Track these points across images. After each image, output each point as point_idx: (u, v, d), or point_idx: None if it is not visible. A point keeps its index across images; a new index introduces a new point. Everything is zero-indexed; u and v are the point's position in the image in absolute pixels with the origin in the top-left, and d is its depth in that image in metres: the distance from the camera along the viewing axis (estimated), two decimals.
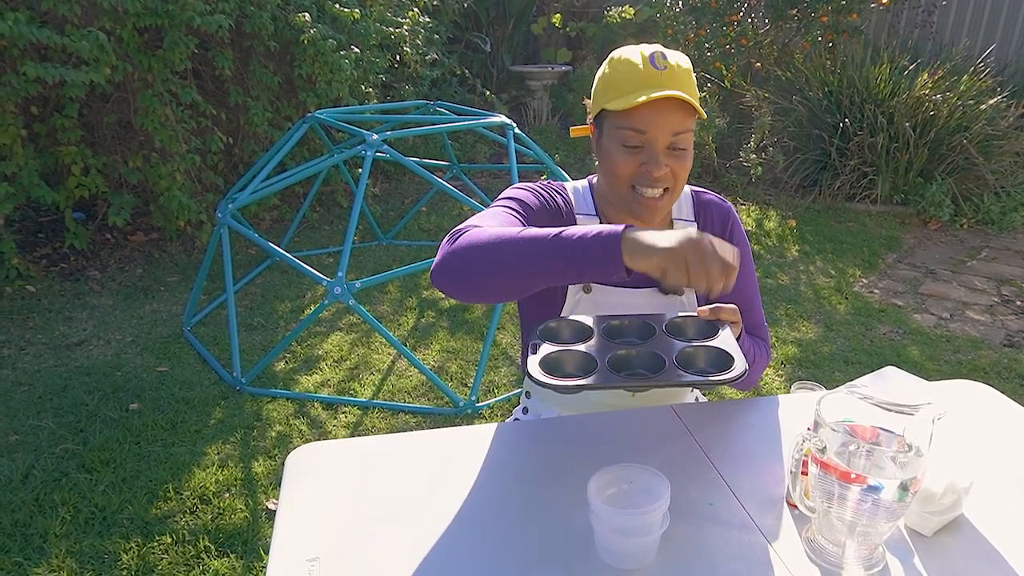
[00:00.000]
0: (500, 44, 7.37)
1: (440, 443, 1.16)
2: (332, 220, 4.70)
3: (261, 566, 1.92)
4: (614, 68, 1.17)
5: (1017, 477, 1.08)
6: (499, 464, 1.09)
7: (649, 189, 1.17)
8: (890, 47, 5.68)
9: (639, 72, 1.13)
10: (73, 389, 2.74)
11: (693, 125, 1.17)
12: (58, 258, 3.89)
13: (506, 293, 1.04)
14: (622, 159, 1.16)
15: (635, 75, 1.14)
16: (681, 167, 1.17)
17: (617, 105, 1.13)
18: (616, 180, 1.19)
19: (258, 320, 3.34)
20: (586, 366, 1.00)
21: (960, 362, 3.03)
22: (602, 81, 1.19)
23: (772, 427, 1.20)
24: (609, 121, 1.17)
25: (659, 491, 0.89)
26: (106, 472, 2.27)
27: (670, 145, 1.15)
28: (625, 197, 1.20)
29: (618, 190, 1.20)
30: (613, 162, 1.18)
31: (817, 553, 0.91)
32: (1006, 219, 4.57)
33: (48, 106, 3.53)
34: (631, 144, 1.15)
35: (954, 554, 0.93)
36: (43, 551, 1.96)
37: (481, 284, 1.01)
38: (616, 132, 1.16)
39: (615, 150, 1.17)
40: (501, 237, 1.00)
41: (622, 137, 1.16)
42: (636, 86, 1.13)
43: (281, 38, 4.09)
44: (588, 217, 1.27)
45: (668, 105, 1.12)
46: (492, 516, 0.98)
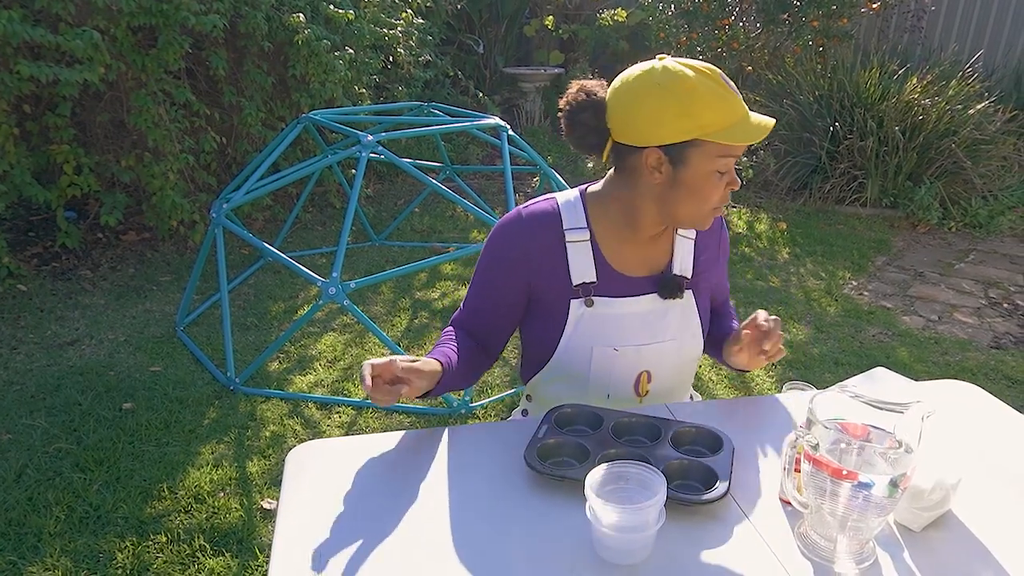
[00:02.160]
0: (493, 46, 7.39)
1: (436, 442, 1.17)
2: (325, 220, 4.70)
3: (256, 565, 1.93)
4: (702, 92, 1.11)
5: (1003, 474, 1.11)
6: (495, 462, 1.11)
7: (723, 205, 1.21)
8: (880, 52, 5.74)
9: (729, 97, 1.12)
10: (66, 388, 2.73)
11: None
12: (50, 257, 3.88)
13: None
14: (715, 186, 1.17)
15: (729, 101, 1.12)
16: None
17: (735, 139, 1.12)
18: (702, 204, 1.19)
19: (251, 320, 3.34)
20: (580, 455, 1.09)
21: (948, 363, 3.07)
22: (688, 109, 1.11)
23: (764, 426, 1.22)
24: (707, 150, 1.13)
25: (655, 488, 0.91)
26: (100, 471, 2.27)
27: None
28: (702, 219, 1.22)
29: (698, 213, 1.20)
30: (706, 190, 1.17)
31: (809, 548, 0.93)
32: (993, 222, 4.63)
33: (41, 104, 3.52)
34: (725, 170, 1.16)
35: (942, 549, 0.95)
36: (37, 550, 1.96)
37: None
38: (717, 161, 1.14)
39: (710, 178, 1.16)
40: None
41: (722, 165, 1.15)
42: (737, 114, 1.13)
43: (275, 38, 4.09)
44: (578, 231, 1.26)
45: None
46: (490, 512, 1.00)
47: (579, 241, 1.26)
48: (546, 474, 1.04)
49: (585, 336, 1.26)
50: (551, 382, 1.34)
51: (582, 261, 1.26)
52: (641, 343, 1.27)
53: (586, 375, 1.28)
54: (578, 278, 1.26)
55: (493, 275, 1.31)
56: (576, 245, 1.26)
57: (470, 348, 1.32)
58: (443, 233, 4.53)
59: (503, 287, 1.30)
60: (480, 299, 1.34)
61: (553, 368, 1.31)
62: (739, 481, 1.06)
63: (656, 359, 1.30)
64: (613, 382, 1.29)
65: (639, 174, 1.20)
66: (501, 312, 1.33)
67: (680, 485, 1.03)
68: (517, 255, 1.27)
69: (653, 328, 1.28)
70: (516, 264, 1.27)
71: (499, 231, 1.29)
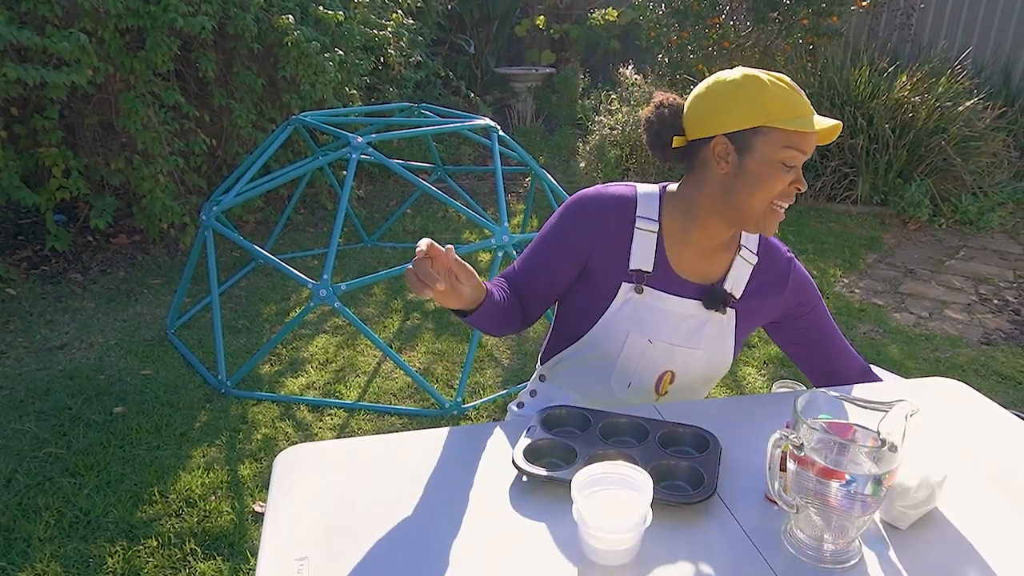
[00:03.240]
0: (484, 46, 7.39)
1: (428, 443, 1.17)
2: (316, 222, 4.69)
3: (248, 568, 1.92)
4: (771, 89, 1.18)
5: (989, 471, 1.11)
6: (486, 464, 1.11)
7: (786, 203, 1.23)
8: (870, 50, 5.77)
9: (800, 97, 1.18)
10: (56, 392, 2.72)
11: None
12: (39, 261, 3.86)
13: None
14: (779, 176, 1.19)
15: (799, 99, 1.18)
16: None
17: (801, 126, 1.16)
18: (764, 196, 1.21)
19: (243, 323, 3.33)
20: (568, 456, 1.09)
21: (939, 360, 3.08)
22: (756, 97, 1.17)
23: (753, 425, 1.23)
24: (772, 139, 1.17)
25: (642, 488, 0.91)
26: (90, 476, 2.26)
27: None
28: (762, 215, 1.23)
29: (759, 207, 1.22)
30: (771, 182, 1.19)
31: (796, 547, 0.94)
32: (983, 219, 4.65)
33: (28, 107, 3.50)
34: (791, 164, 1.19)
35: (928, 547, 0.95)
36: (27, 555, 1.95)
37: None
38: (782, 151, 1.17)
39: (774, 168, 1.19)
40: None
41: (787, 157, 1.18)
42: (806, 110, 1.17)
43: (264, 40, 4.08)
44: (649, 222, 1.31)
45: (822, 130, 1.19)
46: (478, 514, 1.00)
47: (647, 231, 1.30)
48: (534, 475, 1.04)
49: (625, 320, 1.30)
50: (576, 361, 1.36)
51: (644, 250, 1.30)
52: (675, 343, 1.31)
53: (615, 358, 1.32)
54: (636, 264, 1.30)
55: (560, 237, 1.32)
56: (643, 233, 1.30)
57: (512, 302, 1.33)
58: (435, 234, 4.53)
59: (564, 253, 1.32)
60: (538, 259, 1.35)
61: (585, 344, 1.34)
62: (726, 481, 1.06)
63: (684, 362, 1.33)
64: (639, 372, 1.33)
65: (708, 167, 1.25)
66: (556, 277, 1.34)
67: (667, 485, 1.03)
68: (589, 224, 1.30)
69: (689, 333, 1.32)
70: (584, 234, 1.30)
71: (578, 200, 1.33)
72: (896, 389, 1.40)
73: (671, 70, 5.97)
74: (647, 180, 5.14)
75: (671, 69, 5.98)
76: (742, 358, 3.06)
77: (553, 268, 1.34)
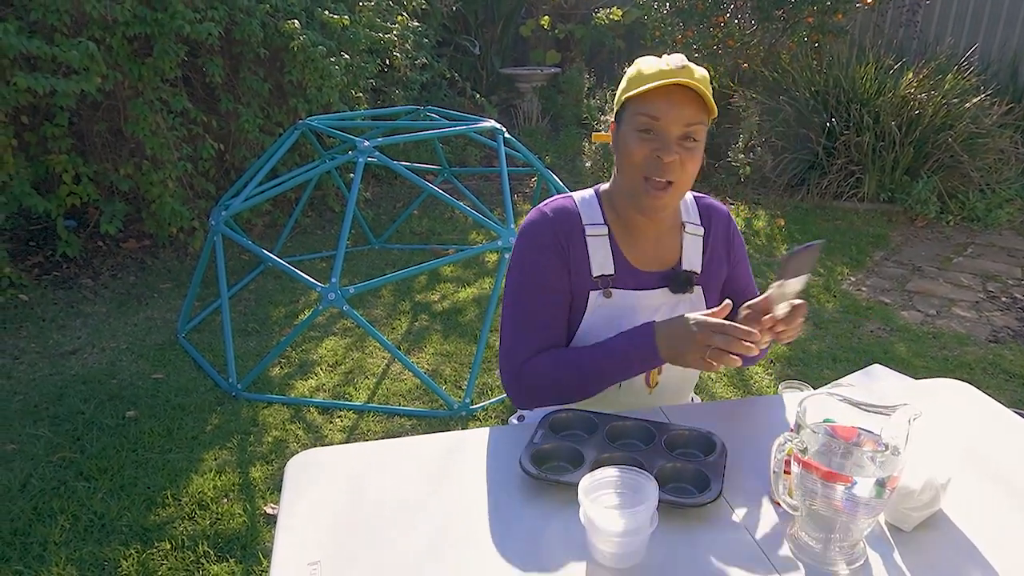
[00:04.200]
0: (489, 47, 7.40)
1: (437, 447, 1.19)
2: (324, 225, 4.72)
3: (260, 570, 1.95)
4: (637, 66, 1.25)
5: (994, 473, 1.12)
6: (494, 468, 1.12)
7: (658, 176, 1.22)
8: (875, 47, 5.75)
9: (659, 67, 1.21)
10: (69, 397, 2.75)
11: (706, 122, 1.23)
12: (50, 266, 3.90)
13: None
14: (637, 145, 1.22)
15: (655, 69, 1.21)
16: (691, 160, 1.23)
17: (636, 91, 1.20)
18: (631, 168, 1.24)
19: (252, 326, 3.35)
20: (575, 459, 1.10)
21: (946, 358, 3.08)
22: (626, 81, 1.26)
23: (759, 427, 1.24)
24: (628, 109, 1.24)
25: (647, 492, 0.92)
26: (104, 480, 2.29)
27: (682, 136, 1.21)
28: (636, 190, 1.25)
29: (631, 180, 1.25)
30: (629, 149, 1.23)
31: (801, 549, 0.95)
32: (991, 216, 4.64)
33: (38, 115, 3.54)
34: (645, 129, 1.21)
35: (933, 549, 0.96)
36: (43, 559, 1.98)
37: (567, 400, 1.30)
38: (634, 118, 1.22)
39: (631, 136, 1.23)
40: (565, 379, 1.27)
41: (638, 123, 1.21)
42: (654, 78, 1.20)
43: (271, 45, 4.11)
44: (597, 226, 1.32)
45: (682, 96, 1.19)
46: (488, 518, 1.01)
47: (598, 235, 1.31)
48: (541, 479, 1.05)
49: (600, 327, 1.31)
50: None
51: (601, 254, 1.31)
52: None
53: None
54: (598, 270, 1.31)
55: (539, 272, 1.30)
56: (595, 239, 1.31)
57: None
58: (442, 235, 4.55)
59: (554, 280, 1.30)
60: (536, 306, 1.30)
61: None
62: (732, 483, 1.07)
63: None
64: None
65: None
66: (560, 306, 1.31)
67: (673, 488, 1.04)
68: (551, 243, 1.30)
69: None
70: (555, 252, 1.30)
71: (528, 229, 1.32)
72: (902, 391, 1.41)
73: None
74: None
75: None
76: None
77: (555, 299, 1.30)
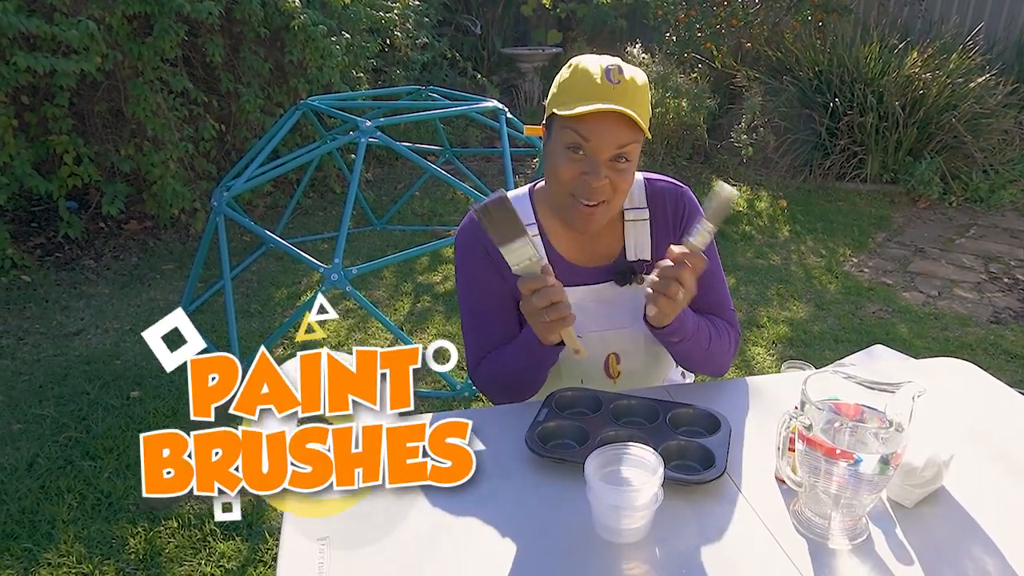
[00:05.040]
0: (490, 26, 7.35)
1: None
2: (325, 206, 4.71)
3: (266, 548, 1.97)
4: (572, 75, 1.18)
5: (995, 451, 1.13)
6: (500, 445, 1.13)
7: (585, 200, 1.18)
8: (880, 26, 5.70)
9: (593, 83, 1.14)
10: (73, 378, 2.76)
11: (640, 140, 1.18)
12: (52, 248, 3.90)
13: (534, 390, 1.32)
14: (565, 164, 1.18)
15: (589, 85, 1.14)
16: (622, 180, 1.18)
17: (565, 111, 1.14)
18: (557, 184, 1.20)
19: (255, 307, 3.36)
20: (580, 437, 1.11)
21: (948, 339, 3.09)
22: (557, 86, 1.20)
23: (762, 405, 1.24)
24: (557, 124, 1.18)
25: (653, 468, 0.93)
26: (110, 459, 2.31)
27: (613, 157, 1.16)
28: (564, 204, 1.21)
29: (558, 195, 1.22)
30: (556, 166, 1.19)
31: (804, 525, 0.96)
32: (994, 197, 4.62)
33: (38, 95, 3.52)
34: (573, 148, 1.16)
35: (934, 525, 0.97)
36: (51, 537, 2.00)
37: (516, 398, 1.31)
38: (562, 133, 1.17)
39: (559, 154, 1.18)
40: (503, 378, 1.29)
41: (566, 140, 1.16)
42: (587, 96, 1.13)
43: (271, 24, 4.08)
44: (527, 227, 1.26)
45: (614, 119, 1.13)
46: (492, 494, 1.02)
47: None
48: (547, 456, 1.06)
49: None
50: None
51: None
52: (602, 329, 1.29)
53: (556, 363, 1.29)
54: None
55: (475, 280, 1.31)
56: None
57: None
58: (444, 216, 4.54)
59: (489, 286, 1.30)
60: (479, 311, 1.32)
61: None
62: (736, 461, 1.08)
63: (621, 342, 1.32)
64: (584, 366, 1.32)
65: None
66: (503, 309, 1.32)
67: (678, 465, 1.05)
68: (483, 255, 1.28)
69: (612, 315, 1.30)
70: (486, 262, 1.29)
71: (459, 240, 1.32)
72: (905, 370, 1.42)
73: (679, 49, 5.92)
74: (655, 159, 5.13)
75: (679, 48, 5.93)
76: (751, 337, 3.08)
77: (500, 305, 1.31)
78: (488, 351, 1.32)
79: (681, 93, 5.03)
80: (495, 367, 1.30)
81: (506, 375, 1.28)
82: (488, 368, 1.31)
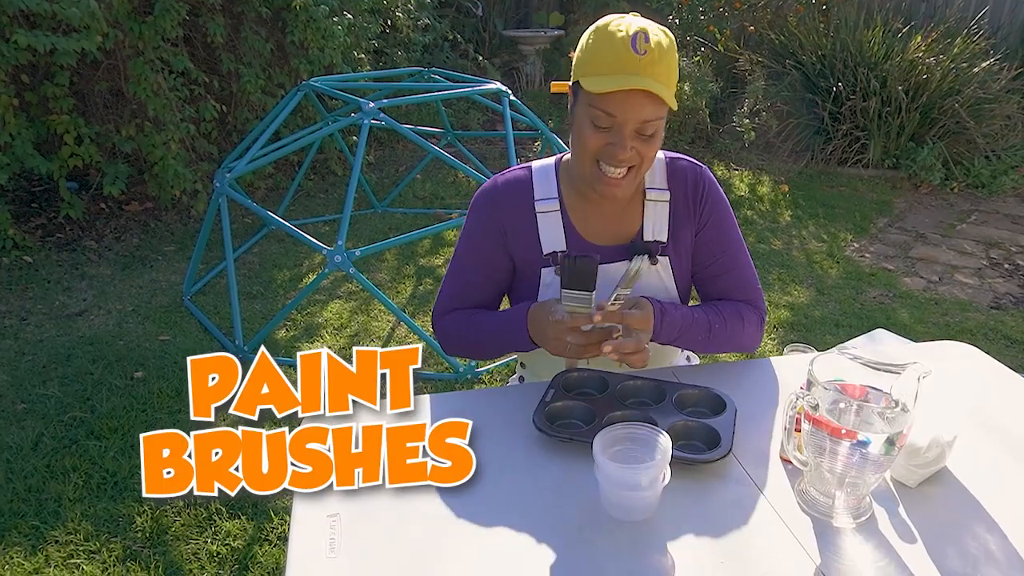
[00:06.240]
0: (492, 8, 7.28)
1: (451, 405, 1.21)
2: (327, 188, 4.70)
3: (271, 527, 1.99)
4: (597, 40, 1.15)
5: (997, 432, 1.14)
6: (508, 426, 1.14)
7: (613, 168, 1.18)
8: (884, 9, 5.66)
9: (619, 53, 1.11)
10: (77, 358, 2.77)
11: (664, 112, 1.17)
12: (53, 228, 3.89)
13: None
14: (591, 135, 1.17)
15: (614, 55, 1.12)
16: (648, 149, 1.18)
17: (591, 86, 1.14)
18: (583, 153, 1.20)
19: (257, 289, 3.37)
20: (587, 417, 1.12)
21: (948, 324, 3.10)
22: (583, 51, 1.18)
23: (766, 387, 1.26)
24: (583, 96, 1.17)
25: (660, 448, 0.94)
26: (115, 439, 2.32)
27: (639, 130, 1.15)
28: (589, 173, 1.21)
29: (584, 164, 1.21)
30: (582, 134, 1.18)
31: (809, 504, 0.97)
32: (996, 182, 4.62)
33: (39, 74, 3.50)
34: (600, 124, 1.16)
35: (937, 504, 0.99)
36: (58, 515, 2.01)
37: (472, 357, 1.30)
38: (588, 110, 1.16)
39: (585, 126, 1.17)
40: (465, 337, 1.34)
41: (593, 116, 1.16)
42: (612, 68, 1.12)
43: (272, 4, 4.05)
44: (548, 201, 1.28)
45: (639, 96, 1.12)
46: (500, 473, 1.04)
47: (549, 211, 1.28)
48: (555, 436, 1.07)
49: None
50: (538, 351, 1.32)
51: (552, 232, 1.28)
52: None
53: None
54: (548, 247, 1.28)
55: (476, 245, 1.32)
56: (545, 216, 1.28)
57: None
58: (445, 199, 4.53)
59: (488, 255, 1.32)
60: (468, 272, 1.34)
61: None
62: (741, 441, 1.09)
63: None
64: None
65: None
66: (491, 280, 1.34)
67: (684, 445, 1.06)
68: (493, 225, 1.29)
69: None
70: (494, 233, 1.30)
71: (476, 201, 1.33)
72: (908, 353, 1.43)
73: (682, 31, 5.88)
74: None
75: (682, 30, 5.89)
76: None
77: (486, 274, 1.33)
78: (461, 307, 1.35)
79: (683, 77, 5.00)
80: (466, 328, 1.33)
81: (476, 340, 1.33)
82: (458, 326, 1.34)
